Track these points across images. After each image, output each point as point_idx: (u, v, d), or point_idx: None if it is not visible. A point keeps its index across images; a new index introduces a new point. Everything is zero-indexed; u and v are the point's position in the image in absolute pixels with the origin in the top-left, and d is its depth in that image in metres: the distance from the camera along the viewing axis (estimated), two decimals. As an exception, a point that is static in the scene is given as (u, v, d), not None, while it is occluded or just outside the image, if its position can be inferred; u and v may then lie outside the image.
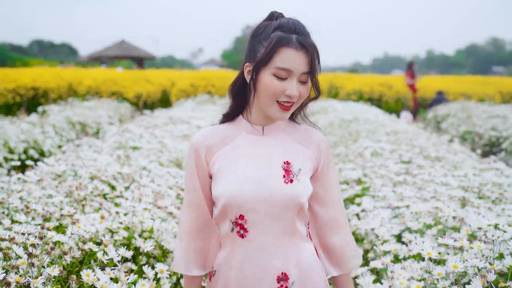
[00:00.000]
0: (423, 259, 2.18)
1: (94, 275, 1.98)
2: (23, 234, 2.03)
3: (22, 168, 5.52)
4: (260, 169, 1.60)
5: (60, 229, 2.44)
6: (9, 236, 2.01)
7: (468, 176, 3.71)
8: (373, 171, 4.13)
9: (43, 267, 1.93)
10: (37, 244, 1.99)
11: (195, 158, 1.65)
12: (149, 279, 2.18)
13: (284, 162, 1.62)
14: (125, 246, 2.49)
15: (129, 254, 2.18)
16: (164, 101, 15.36)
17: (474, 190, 3.33)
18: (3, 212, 2.62)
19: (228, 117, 1.69)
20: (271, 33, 1.53)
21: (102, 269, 2.19)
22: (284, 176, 1.59)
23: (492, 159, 4.52)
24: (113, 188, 3.45)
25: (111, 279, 2.11)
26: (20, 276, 1.82)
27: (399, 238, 2.88)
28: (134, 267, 2.33)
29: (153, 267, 2.33)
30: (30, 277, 1.86)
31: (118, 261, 2.20)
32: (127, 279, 1.99)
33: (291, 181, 1.59)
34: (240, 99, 1.66)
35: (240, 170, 1.60)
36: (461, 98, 15.60)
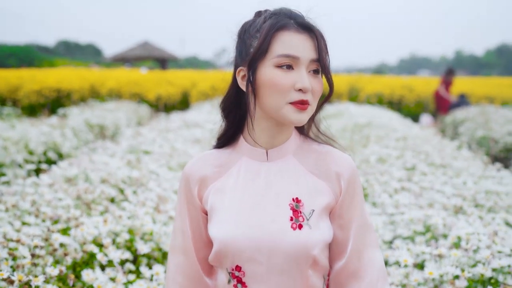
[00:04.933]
0: (405, 266, 2.29)
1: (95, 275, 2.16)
2: (28, 236, 2.20)
3: (41, 170, 5.76)
4: (261, 208, 1.26)
5: (67, 231, 2.62)
6: (16, 237, 2.20)
7: (467, 183, 3.77)
8: (375, 178, 4.21)
9: (46, 266, 2.10)
10: (40, 246, 2.16)
11: (185, 194, 1.35)
12: (145, 279, 2.35)
13: (293, 199, 1.26)
14: (128, 248, 2.67)
15: (126, 255, 2.34)
16: (184, 103, 15.53)
17: (469, 198, 3.39)
18: (15, 214, 2.82)
19: (222, 141, 1.37)
20: (263, 23, 1.25)
21: (104, 269, 2.38)
22: (291, 219, 1.24)
23: (496, 167, 4.55)
24: (121, 191, 3.62)
25: (110, 279, 2.28)
26: (26, 275, 2.00)
27: (391, 244, 2.99)
28: (134, 269, 2.50)
29: (150, 268, 2.49)
30: (34, 275, 2.03)
31: (118, 263, 2.37)
32: (120, 279, 2.14)
33: (300, 226, 1.24)
34: (235, 117, 1.34)
35: (234, 208, 1.27)
36: (485, 101, 15.34)
